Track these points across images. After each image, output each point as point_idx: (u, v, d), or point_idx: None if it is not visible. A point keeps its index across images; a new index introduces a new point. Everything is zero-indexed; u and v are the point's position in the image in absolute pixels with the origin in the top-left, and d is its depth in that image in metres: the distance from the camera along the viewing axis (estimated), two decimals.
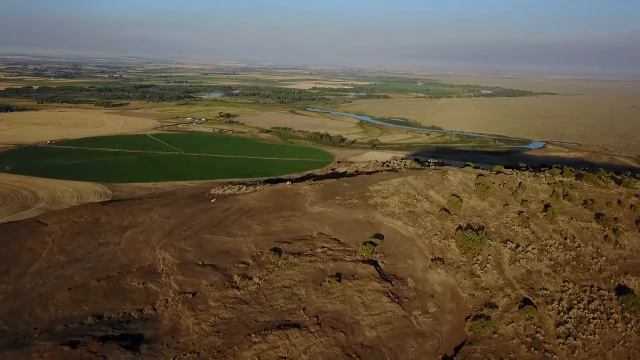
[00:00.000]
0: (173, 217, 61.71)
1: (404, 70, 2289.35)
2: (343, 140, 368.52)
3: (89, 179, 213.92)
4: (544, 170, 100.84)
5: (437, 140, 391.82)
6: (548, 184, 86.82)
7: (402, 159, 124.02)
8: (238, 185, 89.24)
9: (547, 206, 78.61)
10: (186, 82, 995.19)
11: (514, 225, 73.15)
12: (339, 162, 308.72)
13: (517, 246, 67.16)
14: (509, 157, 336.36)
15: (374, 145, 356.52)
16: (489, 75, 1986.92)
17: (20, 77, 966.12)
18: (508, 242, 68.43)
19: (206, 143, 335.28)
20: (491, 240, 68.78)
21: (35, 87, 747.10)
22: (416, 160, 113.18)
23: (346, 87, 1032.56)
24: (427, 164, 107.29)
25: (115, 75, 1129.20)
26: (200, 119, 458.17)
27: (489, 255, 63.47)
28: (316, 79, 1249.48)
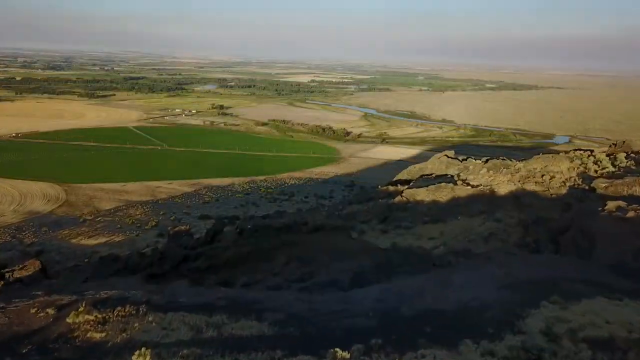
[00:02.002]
0: None
1: (403, 65, 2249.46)
2: (348, 134, 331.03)
3: (46, 179, 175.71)
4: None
5: (452, 134, 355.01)
6: None
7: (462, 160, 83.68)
8: None
9: None
10: (179, 74, 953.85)
11: None
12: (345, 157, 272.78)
13: None
14: (534, 152, 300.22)
15: (384, 140, 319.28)
16: (488, 71, 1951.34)
17: (6, 69, 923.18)
18: None
19: (194, 136, 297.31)
20: None
21: (18, 78, 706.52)
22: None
23: (346, 80, 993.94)
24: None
25: (106, 68, 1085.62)
26: (190, 111, 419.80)
27: None
28: (314, 73, 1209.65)
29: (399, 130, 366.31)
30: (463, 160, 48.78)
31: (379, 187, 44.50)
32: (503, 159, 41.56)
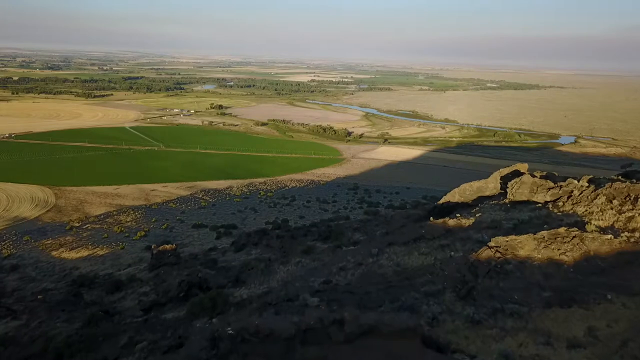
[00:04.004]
0: None
1: (402, 65, 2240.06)
2: (350, 134, 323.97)
3: (35, 181, 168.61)
4: None
5: (455, 134, 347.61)
6: None
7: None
8: None
9: None
10: (178, 74, 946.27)
11: None
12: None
13: None
14: (540, 153, 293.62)
15: (386, 140, 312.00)
16: (489, 70, 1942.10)
17: (4, 69, 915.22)
18: None
19: (192, 137, 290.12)
20: None
21: (15, 78, 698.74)
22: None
23: (346, 79, 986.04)
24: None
25: (105, 68, 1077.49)
26: (188, 111, 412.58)
27: None
28: (314, 72, 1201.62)
29: (401, 130, 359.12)
30: (547, 176, 31.53)
31: (431, 219, 30.43)
32: (633, 182, 25.42)
